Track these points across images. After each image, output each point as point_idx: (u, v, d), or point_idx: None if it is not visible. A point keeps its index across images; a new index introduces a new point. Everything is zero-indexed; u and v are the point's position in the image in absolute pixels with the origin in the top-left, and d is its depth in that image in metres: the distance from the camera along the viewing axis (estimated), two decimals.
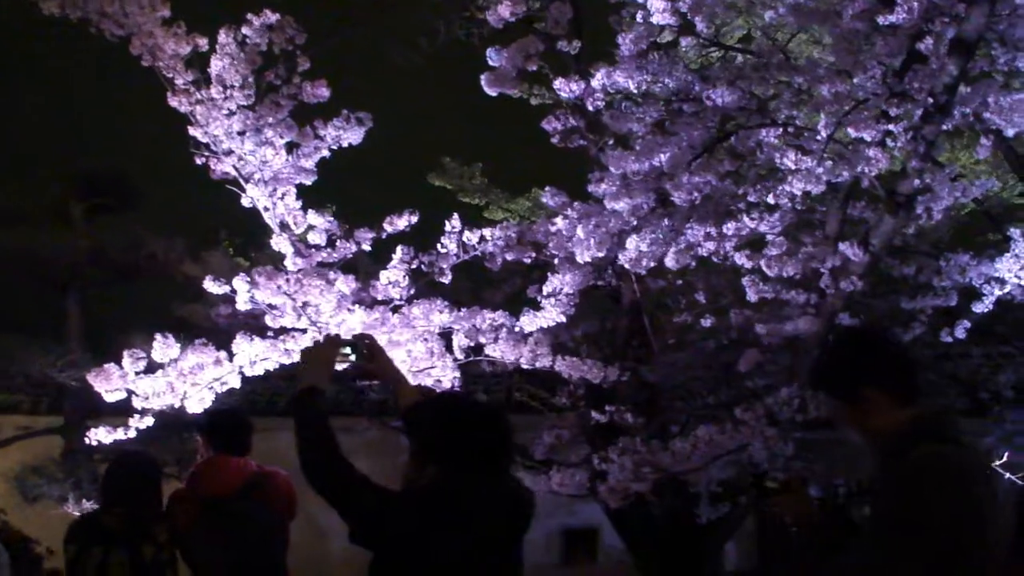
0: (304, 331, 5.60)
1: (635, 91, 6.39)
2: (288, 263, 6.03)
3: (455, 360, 5.79)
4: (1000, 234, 7.36)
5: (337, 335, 3.66)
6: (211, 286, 5.75)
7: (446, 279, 6.38)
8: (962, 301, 6.77)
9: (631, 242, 5.73)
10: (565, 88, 6.38)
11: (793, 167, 5.78)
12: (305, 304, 5.40)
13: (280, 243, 6.02)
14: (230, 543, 4.80)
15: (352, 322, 5.97)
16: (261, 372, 5.61)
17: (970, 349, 9.30)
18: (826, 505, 3.52)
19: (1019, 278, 6.38)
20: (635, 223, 5.83)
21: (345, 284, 6.09)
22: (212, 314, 6.73)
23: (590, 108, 6.39)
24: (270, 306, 5.65)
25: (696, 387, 7.85)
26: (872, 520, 2.83)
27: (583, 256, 5.78)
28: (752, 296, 6.21)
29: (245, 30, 5.36)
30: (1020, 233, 6.47)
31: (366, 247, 6.34)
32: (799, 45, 7.93)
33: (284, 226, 6.02)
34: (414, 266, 6.28)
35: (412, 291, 6.29)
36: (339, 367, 3.98)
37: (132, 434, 5.59)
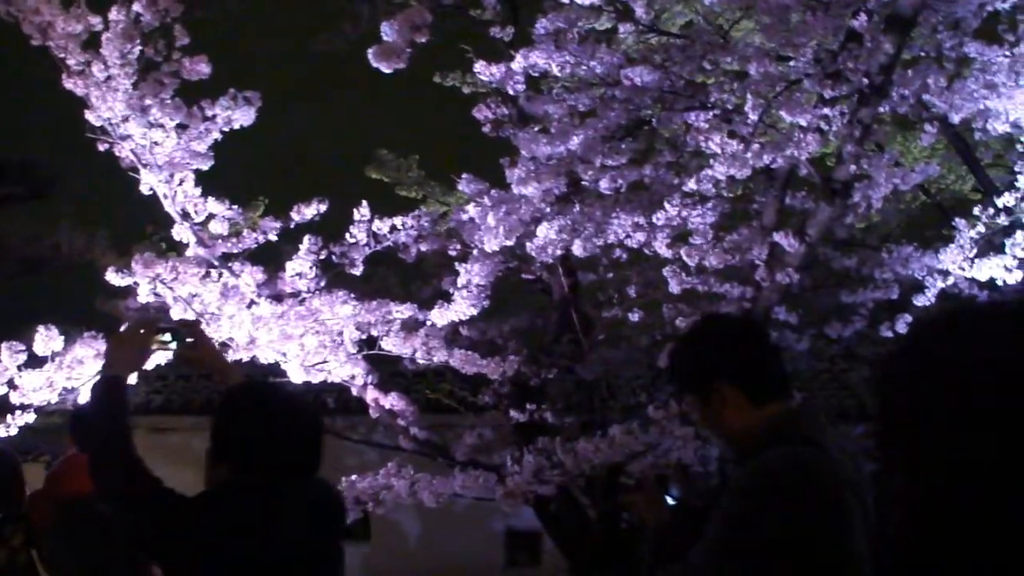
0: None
1: (559, 73, 6.19)
2: (190, 252, 5.87)
3: (352, 354, 5.61)
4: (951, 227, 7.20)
5: (151, 321, 3.42)
6: (112, 277, 5.60)
7: (357, 270, 6.23)
8: (908, 295, 6.57)
9: (541, 229, 5.52)
10: (485, 72, 6.23)
11: (718, 151, 5.58)
12: (193, 295, 5.22)
13: (181, 232, 5.87)
14: (85, 545, 4.56)
15: (260, 312, 5.81)
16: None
17: None
18: (684, 507, 3.22)
19: (962, 269, 6.19)
20: (547, 210, 5.61)
21: (250, 275, 5.95)
22: (121, 307, 6.51)
23: (510, 92, 6.20)
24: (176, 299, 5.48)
25: (632, 384, 7.64)
26: (710, 523, 2.56)
27: (491, 244, 5.57)
28: (675, 288, 6.02)
29: (136, 6, 5.16)
30: (965, 224, 6.29)
31: (272, 237, 6.15)
32: (743, 34, 7.71)
33: (185, 215, 5.83)
34: (323, 257, 6.13)
35: (322, 283, 6.14)
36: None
37: (13, 431, 5.42)
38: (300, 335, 5.49)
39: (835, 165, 6.08)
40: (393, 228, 6.16)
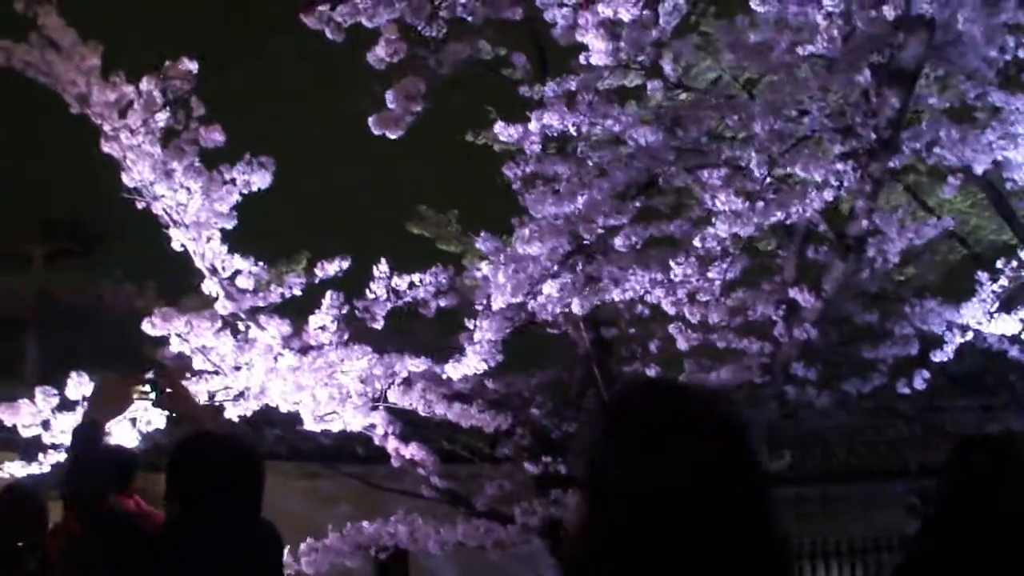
0: (215, 373, 5.81)
1: (574, 133, 6.45)
2: (218, 307, 6.23)
3: (359, 406, 5.90)
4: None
5: (134, 372, 3.74)
6: (147, 328, 5.96)
7: (378, 325, 6.51)
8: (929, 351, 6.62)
9: (547, 287, 5.76)
10: (504, 133, 6.50)
11: (724, 209, 5.77)
12: (206, 347, 5.58)
13: (210, 286, 6.22)
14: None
15: (284, 363, 6.16)
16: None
17: (957, 401, 9.09)
18: None
19: (980, 324, 6.24)
20: (554, 268, 5.85)
21: (276, 328, 6.29)
22: (160, 355, 6.92)
23: (527, 151, 6.46)
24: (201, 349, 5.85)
25: None
26: None
27: (497, 302, 5.82)
28: (682, 345, 6.20)
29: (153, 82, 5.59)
30: (987, 277, 6.35)
31: (297, 292, 6.49)
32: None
33: (214, 270, 6.21)
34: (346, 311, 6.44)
35: (346, 335, 6.45)
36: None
37: (45, 469, 5.85)
38: (311, 386, 5.81)
39: (848, 221, 6.20)
40: (411, 284, 6.46)
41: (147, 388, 3.50)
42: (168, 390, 3.55)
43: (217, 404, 5.82)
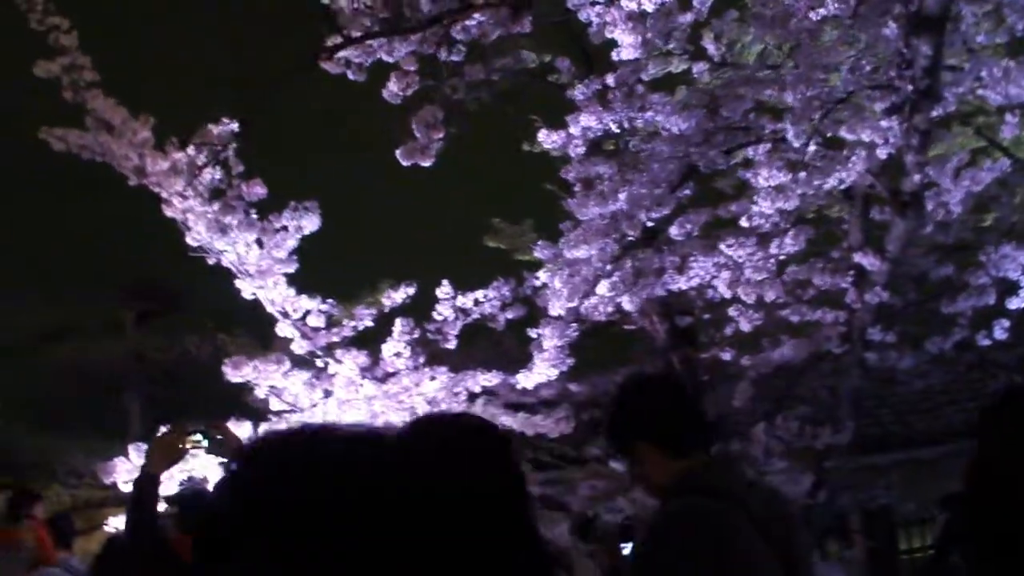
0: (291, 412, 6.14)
1: (616, 130, 6.58)
2: (294, 347, 6.56)
3: None
4: None
5: (183, 425, 4.04)
6: (229, 374, 6.30)
7: (451, 344, 6.74)
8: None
9: (601, 287, 5.90)
10: (548, 140, 6.67)
11: (766, 184, 5.83)
12: (277, 388, 5.91)
13: (284, 329, 6.55)
14: None
15: (365, 392, 6.45)
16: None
17: None
18: None
19: None
20: (607, 268, 5.99)
21: (352, 360, 6.58)
22: (249, 399, 7.30)
23: (572, 155, 6.61)
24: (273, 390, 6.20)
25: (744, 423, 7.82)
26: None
27: (555, 308, 5.99)
28: (745, 326, 6.26)
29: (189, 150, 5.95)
30: None
31: (368, 323, 6.75)
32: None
33: (285, 313, 6.53)
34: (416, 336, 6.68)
35: (421, 359, 6.69)
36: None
37: None
38: (385, 413, 6.09)
39: (901, 177, 6.18)
40: (476, 301, 6.69)
41: (199, 438, 3.81)
42: (219, 437, 3.85)
43: None
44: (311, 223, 6.04)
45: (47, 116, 6.18)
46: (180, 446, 3.79)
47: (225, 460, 4.20)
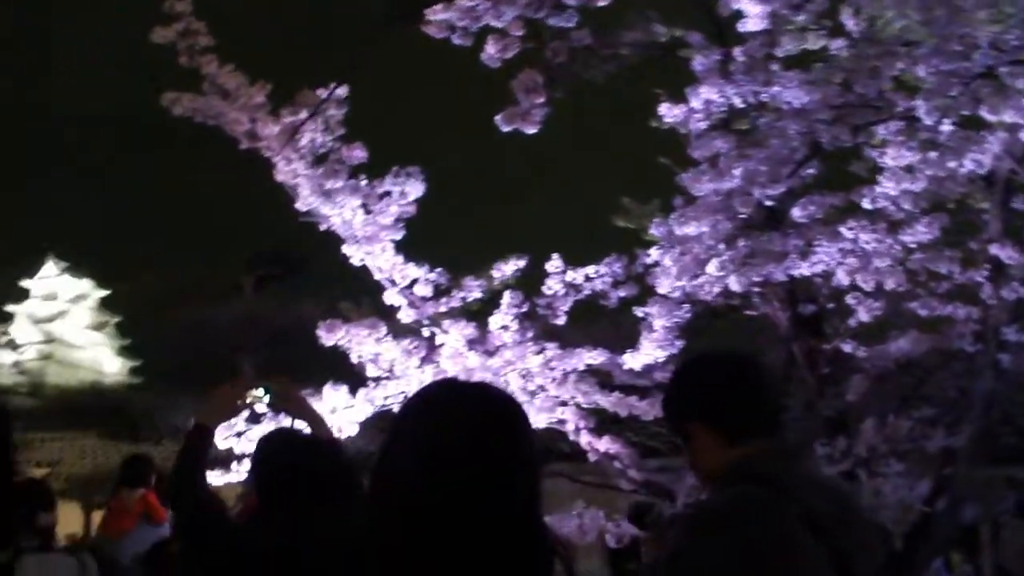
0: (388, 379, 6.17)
1: (741, 105, 6.35)
2: (402, 316, 6.59)
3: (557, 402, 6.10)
4: None
5: (244, 379, 4.08)
6: (323, 338, 6.38)
7: (560, 320, 6.66)
8: None
9: (711, 267, 5.71)
10: (669, 114, 6.50)
11: (892, 164, 5.54)
12: (375, 354, 5.95)
13: (391, 297, 6.58)
14: None
15: (469, 364, 6.44)
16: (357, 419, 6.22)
17: None
18: None
19: None
20: (721, 247, 5.79)
21: (458, 331, 6.58)
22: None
23: (692, 130, 6.42)
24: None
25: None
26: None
27: (663, 286, 5.83)
28: (864, 316, 5.96)
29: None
30: None
31: (477, 294, 6.73)
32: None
33: (392, 281, 6.57)
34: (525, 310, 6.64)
35: (529, 334, 6.63)
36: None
37: (240, 478, 6.41)
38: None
39: None
40: (587, 277, 6.58)
41: (260, 393, 3.84)
42: (280, 394, 3.88)
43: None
44: (415, 189, 6.05)
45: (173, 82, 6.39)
46: (238, 400, 3.82)
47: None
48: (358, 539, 3.48)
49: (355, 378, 6.76)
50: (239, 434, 6.17)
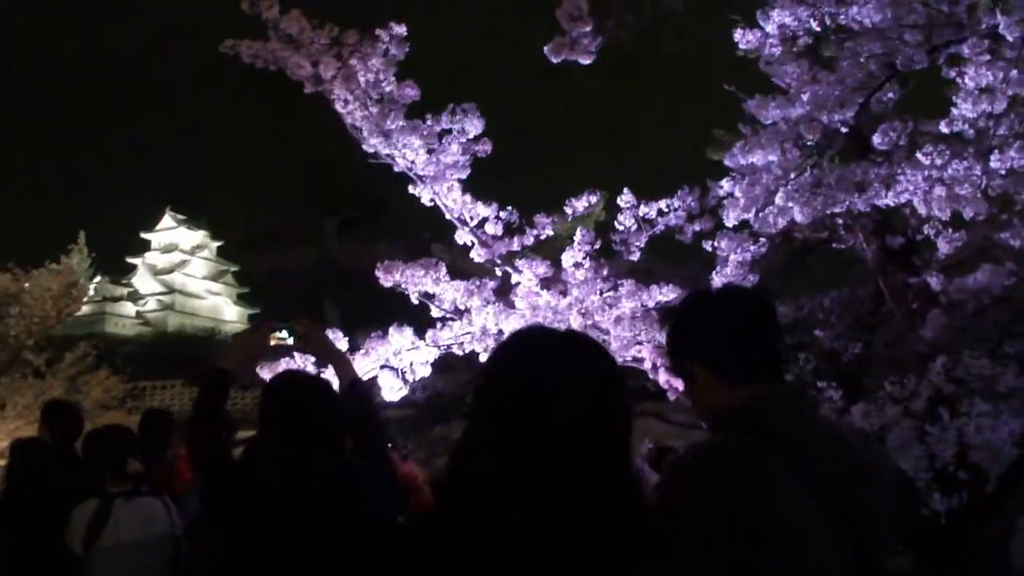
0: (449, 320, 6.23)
1: (817, 29, 6.14)
2: (473, 255, 6.64)
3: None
4: None
5: (267, 322, 4.15)
6: (381, 279, 6.44)
7: (634, 256, 6.61)
8: None
9: (779, 198, 5.56)
10: (743, 40, 6.33)
11: (971, 85, 5.29)
12: (429, 294, 6.02)
13: (463, 236, 6.63)
14: None
15: (540, 302, 6.45)
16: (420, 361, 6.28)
17: None
18: None
19: None
20: (791, 177, 5.64)
21: (531, 271, 6.58)
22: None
23: (766, 54, 6.25)
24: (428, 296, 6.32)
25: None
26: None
27: (729, 218, 5.72)
28: (944, 248, 5.73)
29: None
30: None
31: (547, 232, 6.71)
32: None
33: (463, 220, 6.61)
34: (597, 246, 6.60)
35: (605, 271, 6.59)
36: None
37: None
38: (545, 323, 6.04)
39: None
40: (660, 212, 6.49)
41: (284, 335, 3.94)
42: (304, 335, 3.97)
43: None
44: (474, 126, 6.05)
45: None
46: (262, 342, 3.92)
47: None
48: (344, 480, 3.57)
49: (432, 321, 6.84)
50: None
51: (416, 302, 6.25)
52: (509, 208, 6.65)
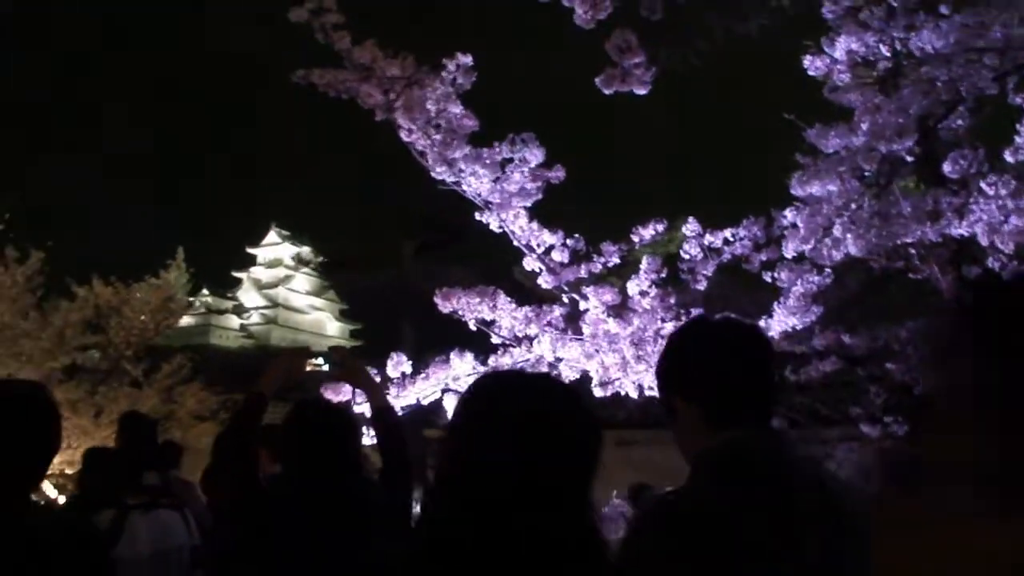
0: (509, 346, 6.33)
1: (887, 54, 6.10)
2: (541, 281, 6.75)
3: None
4: None
5: (303, 348, 4.28)
6: (440, 305, 6.59)
7: (701, 285, 6.64)
8: None
9: (836, 229, 5.54)
10: (812, 66, 6.34)
11: None
12: (489, 322, 6.14)
13: (531, 263, 6.75)
14: None
15: (608, 328, 6.52)
16: None
17: None
18: None
19: None
20: (852, 209, 5.61)
21: (597, 298, 6.67)
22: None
23: (837, 82, 6.23)
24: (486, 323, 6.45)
25: None
26: None
27: (787, 249, 5.71)
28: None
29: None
30: None
31: (615, 260, 6.78)
32: None
33: (530, 247, 6.73)
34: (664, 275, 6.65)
35: (672, 300, 6.64)
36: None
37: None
38: (598, 354, 6.09)
39: None
40: (726, 241, 6.51)
41: (320, 361, 4.11)
42: (338, 362, 4.13)
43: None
44: (535, 157, 6.17)
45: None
46: (298, 367, 4.08)
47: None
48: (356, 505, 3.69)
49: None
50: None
51: (474, 328, 6.39)
52: (576, 235, 6.75)
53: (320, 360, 4.18)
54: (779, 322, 6.12)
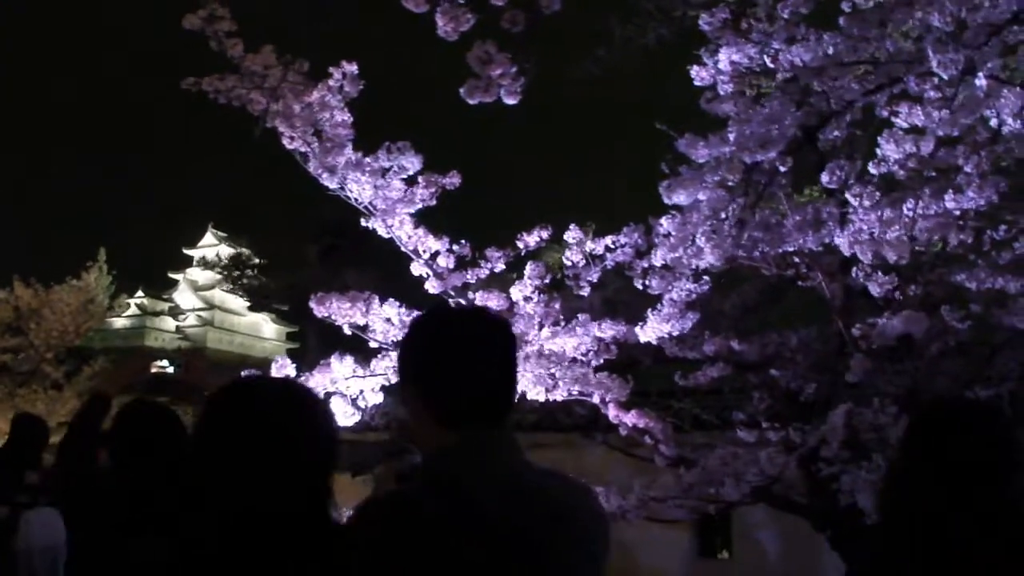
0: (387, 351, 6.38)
1: (771, 64, 6.19)
2: (428, 287, 6.80)
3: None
4: None
5: (145, 353, 4.36)
6: (315, 310, 6.67)
7: (584, 291, 6.72)
8: None
9: (699, 238, 5.63)
10: (697, 76, 6.42)
11: (906, 125, 5.32)
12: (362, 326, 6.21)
13: (417, 268, 6.80)
14: None
15: None
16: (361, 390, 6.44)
17: None
18: None
19: None
20: (723, 217, 5.70)
21: (483, 303, 6.74)
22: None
23: (721, 92, 6.31)
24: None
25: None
26: None
27: (656, 257, 5.81)
28: (875, 291, 5.76)
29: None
30: None
31: (500, 266, 6.84)
32: None
33: (416, 253, 6.78)
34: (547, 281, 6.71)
35: (557, 305, 6.71)
36: None
37: None
38: None
39: None
40: (608, 248, 6.60)
41: (165, 364, 4.19)
42: (184, 364, 4.22)
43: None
44: (412, 164, 6.23)
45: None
46: (142, 370, 4.16)
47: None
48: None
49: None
50: None
51: (348, 333, 6.43)
52: (462, 241, 6.82)
53: (165, 363, 4.26)
54: (653, 328, 6.21)
